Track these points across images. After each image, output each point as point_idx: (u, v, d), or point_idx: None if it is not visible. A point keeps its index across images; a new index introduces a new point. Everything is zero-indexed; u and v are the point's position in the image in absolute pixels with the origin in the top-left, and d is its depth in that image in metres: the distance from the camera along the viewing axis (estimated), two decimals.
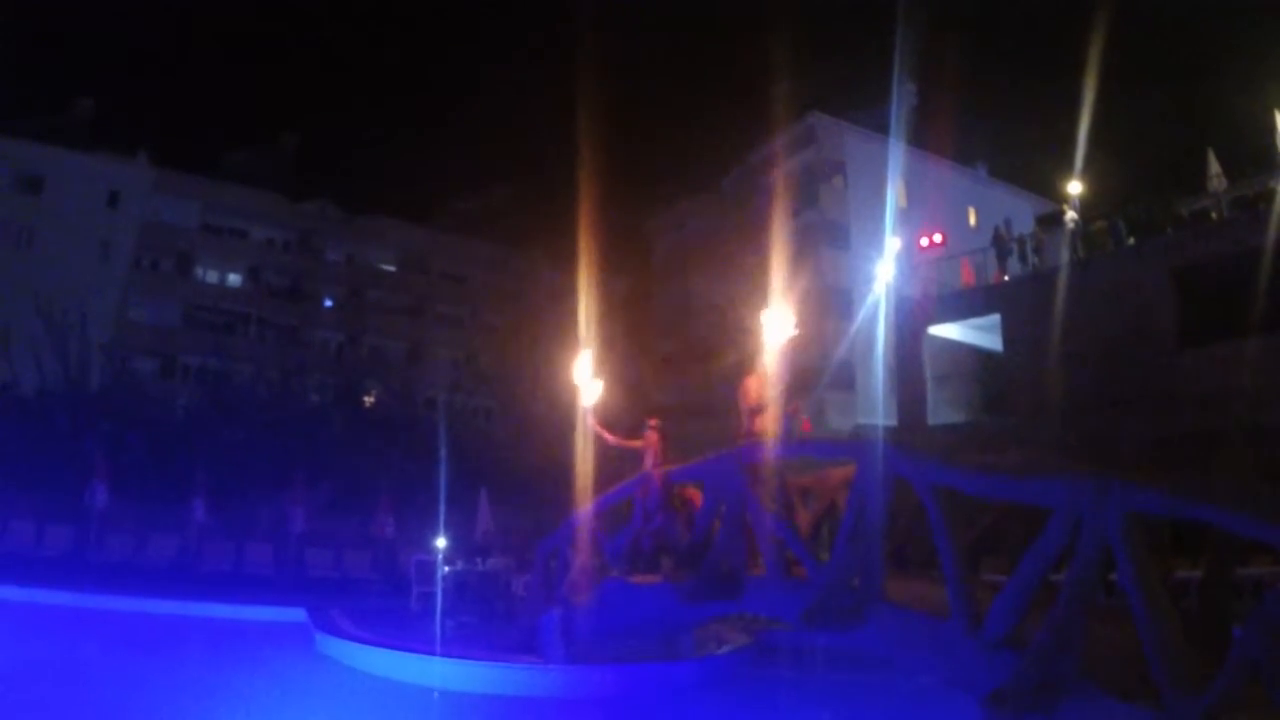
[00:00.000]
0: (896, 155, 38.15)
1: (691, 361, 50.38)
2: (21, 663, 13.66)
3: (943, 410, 27.92)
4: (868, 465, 9.06)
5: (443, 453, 25.63)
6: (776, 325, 11.63)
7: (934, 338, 28.22)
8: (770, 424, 11.59)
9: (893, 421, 27.94)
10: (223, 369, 42.30)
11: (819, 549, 10.32)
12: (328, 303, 54.41)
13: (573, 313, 57.41)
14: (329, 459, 30.63)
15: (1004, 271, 27.70)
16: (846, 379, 36.33)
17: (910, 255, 31.42)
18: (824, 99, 42.56)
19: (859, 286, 35.14)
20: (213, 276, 52.13)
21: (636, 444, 13.83)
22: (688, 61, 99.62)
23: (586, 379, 14.26)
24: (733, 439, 11.96)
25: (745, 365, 43.56)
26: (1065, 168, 26.60)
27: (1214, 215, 23.72)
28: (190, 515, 24.21)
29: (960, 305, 27.75)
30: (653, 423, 14.25)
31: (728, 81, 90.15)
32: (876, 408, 29.42)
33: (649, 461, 13.59)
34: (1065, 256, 24.95)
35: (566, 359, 14.91)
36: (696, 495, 12.35)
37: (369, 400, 46.16)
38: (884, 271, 24.30)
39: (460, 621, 18.16)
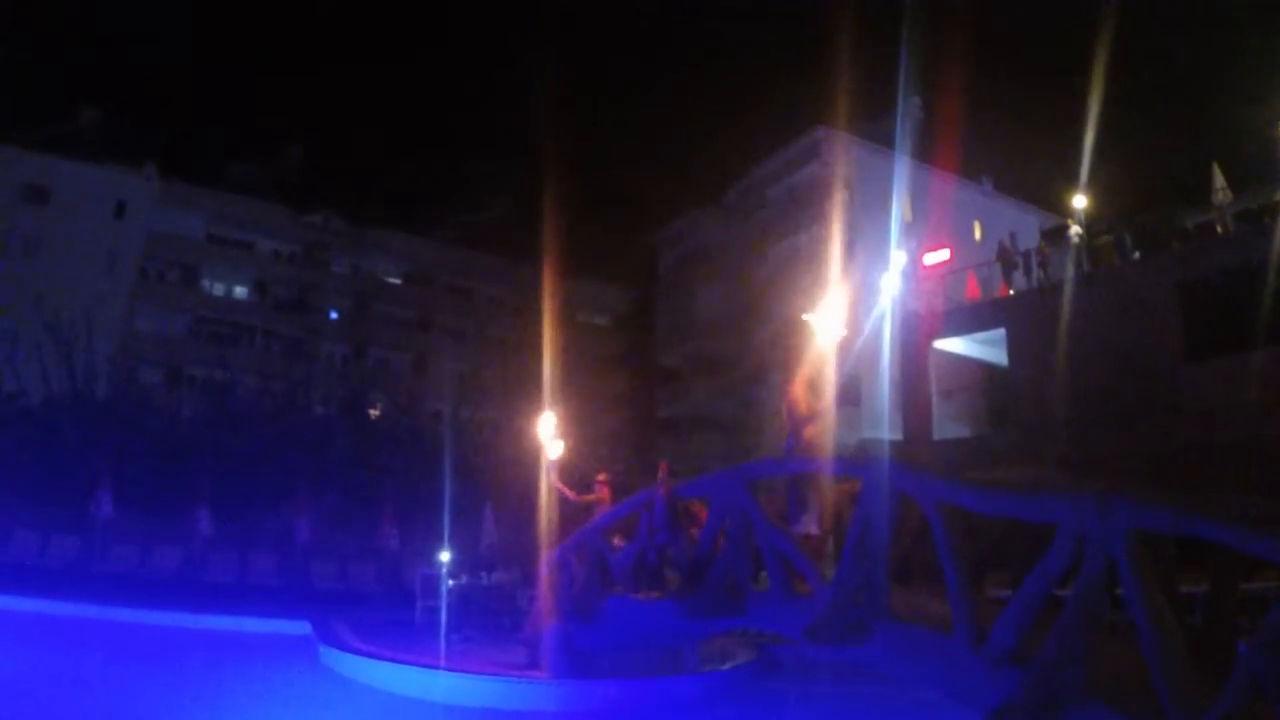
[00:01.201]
0: (902, 169, 38.19)
1: (697, 375, 50.43)
2: (26, 673, 13.68)
3: (948, 425, 27.86)
4: (873, 481, 9.07)
5: (447, 465, 25.63)
6: (827, 326, 11.20)
7: (939, 352, 28.18)
8: (820, 435, 11.02)
9: (898, 436, 27.90)
10: (228, 380, 42.33)
11: (824, 564, 10.30)
12: (333, 315, 54.50)
13: (581, 325, 57.51)
14: (334, 471, 30.67)
15: (1009, 285, 27.67)
16: (852, 393, 36.29)
17: (916, 269, 31.40)
18: (829, 113, 42.58)
19: (864, 300, 35.17)
20: (219, 288, 52.30)
21: (591, 498, 15.27)
22: (694, 75, 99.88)
23: (550, 438, 15.35)
24: (751, 452, 11.83)
25: (753, 378, 43.39)
26: (1071, 181, 26.62)
27: (1219, 229, 23.71)
28: (195, 526, 24.27)
29: (965, 319, 27.71)
30: (602, 477, 15.83)
31: (733, 96, 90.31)
32: (882, 422, 29.35)
33: (600, 513, 14.87)
34: (1070, 270, 24.91)
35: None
36: (702, 510, 12.35)
37: (374, 412, 46.18)
38: (889, 285, 24.28)
39: (465, 635, 18.18)
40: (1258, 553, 6.03)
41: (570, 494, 15.38)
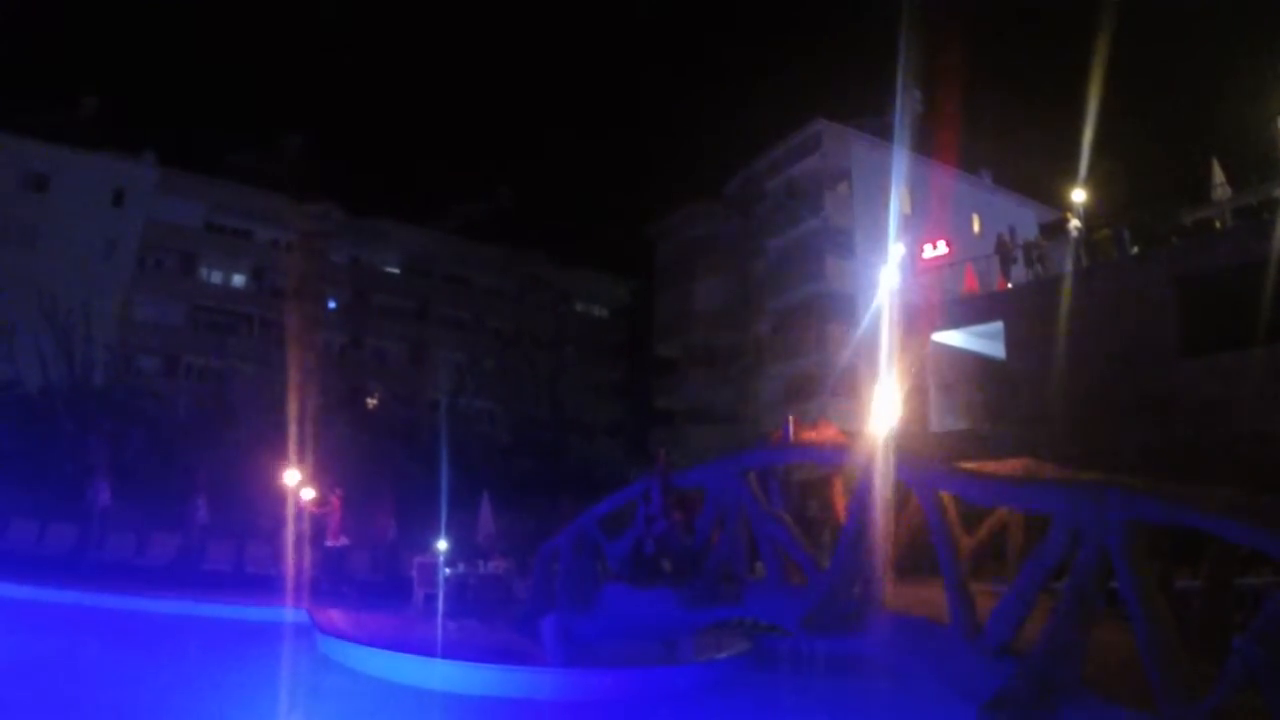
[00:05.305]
0: (901, 162, 38.12)
1: (695, 366, 50.41)
2: (23, 661, 13.69)
3: (945, 418, 27.83)
4: (870, 471, 9.08)
5: (444, 455, 25.61)
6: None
7: (937, 345, 28.15)
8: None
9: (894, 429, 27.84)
10: (226, 369, 42.29)
11: (820, 555, 10.31)
12: (331, 304, 54.33)
13: (581, 317, 57.39)
14: (331, 461, 30.65)
15: (1007, 279, 27.61)
16: (850, 385, 36.31)
17: (914, 262, 31.38)
18: (829, 105, 42.55)
19: (863, 293, 35.12)
20: (217, 276, 52.09)
21: (324, 509, 20.84)
22: (693, 67, 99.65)
23: (297, 486, 22.46)
24: (748, 444, 11.83)
25: (751, 370, 43.26)
26: (1070, 176, 26.53)
27: (1218, 224, 23.65)
28: (192, 514, 24.23)
29: (963, 312, 27.64)
30: (338, 492, 23.27)
31: (733, 88, 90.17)
32: (879, 414, 29.27)
33: (332, 524, 21.90)
34: (1069, 264, 24.86)
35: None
36: (698, 500, 12.35)
37: (371, 402, 46.15)
38: (888, 278, 24.26)
39: (461, 624, 18.20)
40: (1250, 544, 6.07)
41: (314, 509, 22.39)
